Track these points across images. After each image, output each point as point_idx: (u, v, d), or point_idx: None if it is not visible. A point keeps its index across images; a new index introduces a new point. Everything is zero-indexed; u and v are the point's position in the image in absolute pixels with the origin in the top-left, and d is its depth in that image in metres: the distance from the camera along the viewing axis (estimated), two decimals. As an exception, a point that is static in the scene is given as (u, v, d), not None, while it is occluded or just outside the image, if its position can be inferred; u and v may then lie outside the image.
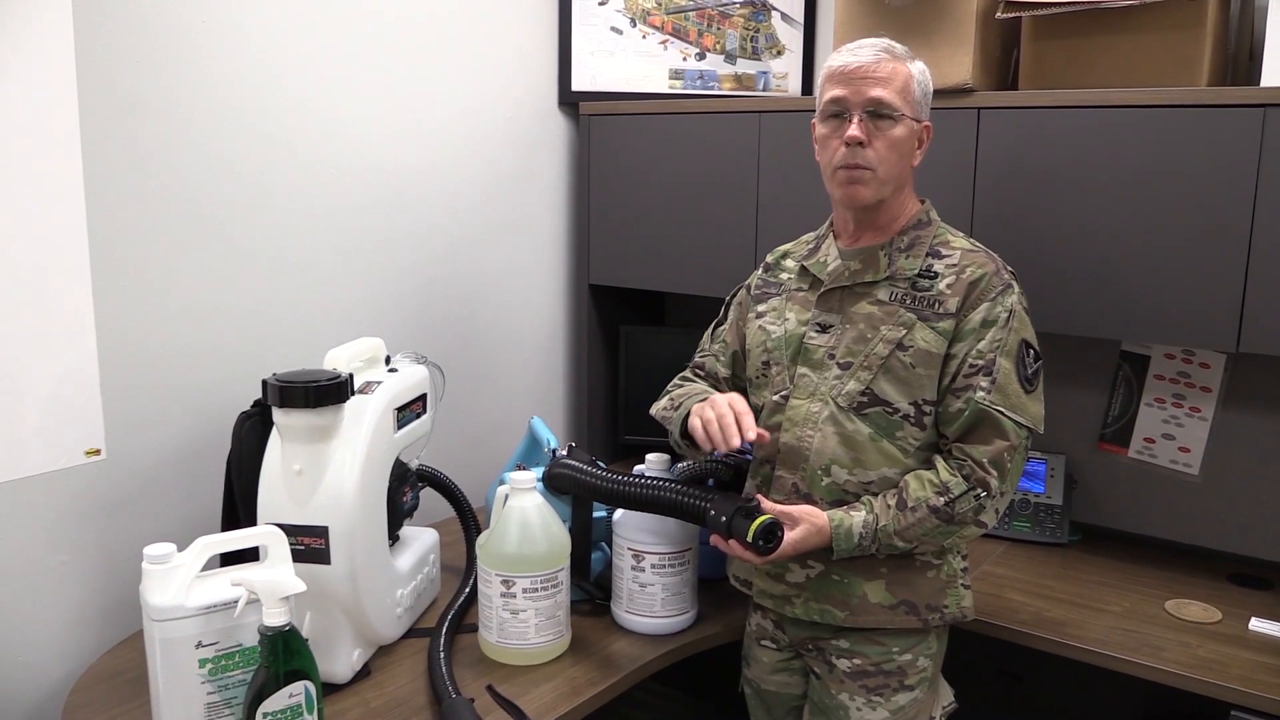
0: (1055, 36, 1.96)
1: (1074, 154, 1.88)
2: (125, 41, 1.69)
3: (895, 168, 1.56)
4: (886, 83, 1.53)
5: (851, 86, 1.53)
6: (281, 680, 1.33)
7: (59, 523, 1.68)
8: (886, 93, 1.52)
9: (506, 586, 1.62)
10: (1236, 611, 1.86)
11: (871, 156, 1.53)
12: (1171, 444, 2.17)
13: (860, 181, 1.55)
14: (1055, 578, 2.01)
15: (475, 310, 2.44)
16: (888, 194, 1.57)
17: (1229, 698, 1.60)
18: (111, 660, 1.65)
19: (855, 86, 1.53)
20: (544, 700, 1.54)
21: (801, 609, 1.61)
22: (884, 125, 1.53)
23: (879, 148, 1.53)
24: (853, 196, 1.57)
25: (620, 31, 2.55)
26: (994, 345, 1.51)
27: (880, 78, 1.53)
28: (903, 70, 1.55)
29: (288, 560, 1.43)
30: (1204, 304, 1.79)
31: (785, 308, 1.67)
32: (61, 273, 1.64)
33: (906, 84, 1.55)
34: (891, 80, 1.53)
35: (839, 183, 1.57)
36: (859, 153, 1.53)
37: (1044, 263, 1.92)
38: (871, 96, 1.52)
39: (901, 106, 1.53)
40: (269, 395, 1.52)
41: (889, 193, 1.57)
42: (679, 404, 1.70)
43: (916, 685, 1.61)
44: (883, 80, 1.53)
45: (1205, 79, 1.82)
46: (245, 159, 1.89)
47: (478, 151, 2.38)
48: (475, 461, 2.39)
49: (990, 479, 1.49)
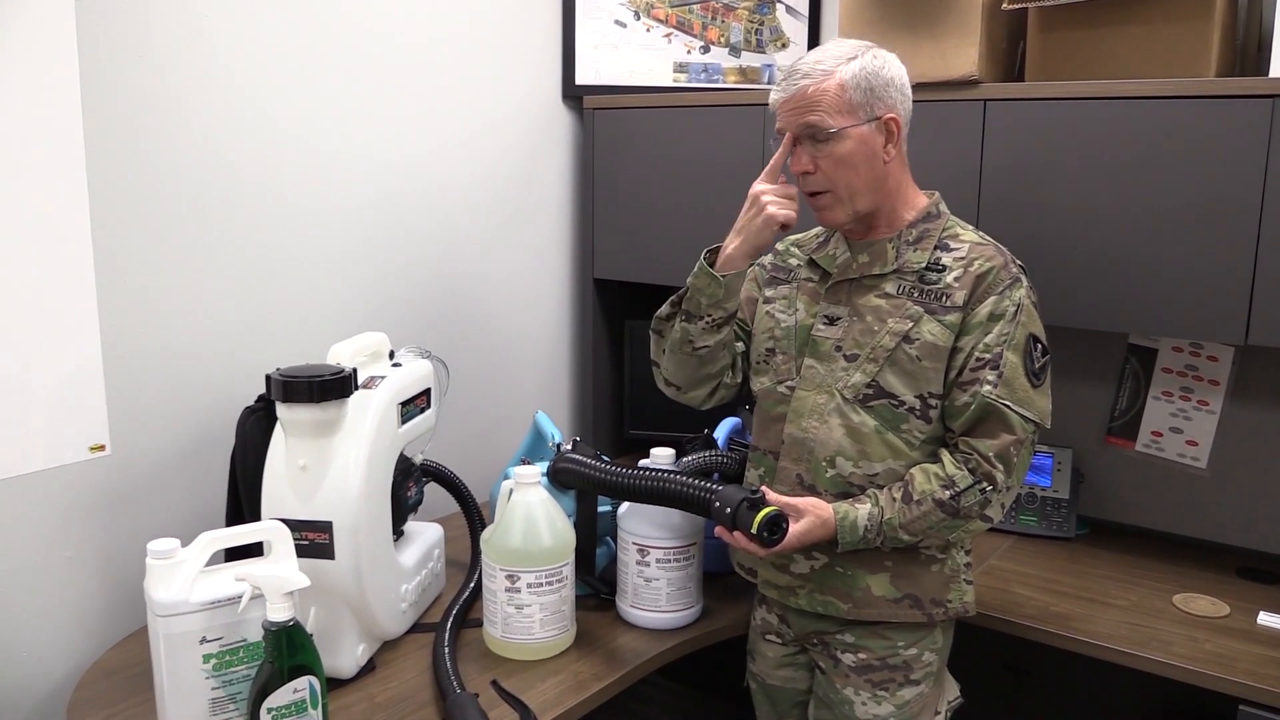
0: (1062, 28, 1.95)
1: (1081, 146, 1.87)
2: (128, 40, 1.68)
3: (858, 180, 1.53)
4: (814, 106, 1.50)
5: (786, 119, 1.54)
6: (286, 675, 1.33)
7: (64, 518, 1.68)
8: (815, 116, 1.50)
9: (511, 581, 1.62)
10: (1245, 606, 1.85)
11: (821, 180, 1.53)
12: (1179, 437, 2.16)
13: (823, 208, 1.56)
14: (1062, 572, 2.00)
15: (479, 305, 2.44)
16: (865, 204, 1.55)
17: (1237, 692, 1.59)
18: (116, 656, 1.65)
19: (788, 118, 1.54)
20: (549, 695, 1.54)
21: (805, 600, 1.61)
22: (825, 147, 1.51)
23: (825, 169, 1.52)
24: (827, 222, 1.59)
25: (624, 25, 2.54)
26: (1001, 339, 1.50)
27: (806, 104, 1.51)
28: (830, 85, 1.50)
29: (292, 555, 1.43)
30: (1212, 296, 1.78)
31: (795, 298, 1.66)
32: (65, 269, 1.63)
33: (838, 95, 1.50)
34: (819, 101, 1.50)
35: (813, 211, 1.59)
36: (809, 180, 1.54)
37: (1051, 255, 1.90)
38: (804, 123, 1.52)
39: (835, 122, 1.50)
40: (272, 390, 1.52)
41: (865, 203, 1.55)
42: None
43: (922, 680, 1.61)
44: (809, 105, 1.50)
45: (1213, 70, 1.81)
46: (249, 154, 1.89)
47: (482, 146, 2.37)
48: (480, 456, 2.39)
49: (996, 473, 1.49)
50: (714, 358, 1.66)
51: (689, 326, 1.63)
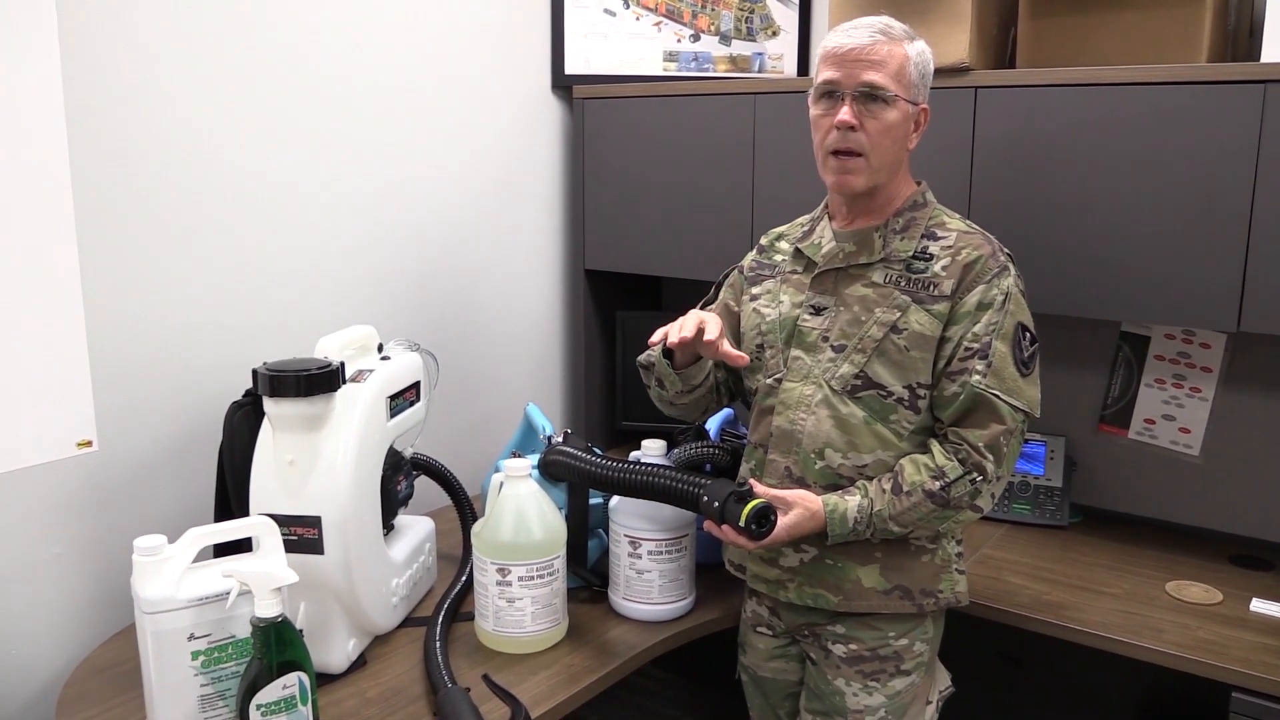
0: (1053, 14, 1.94)
1: (1073, 133, 1.86)
2: (111, 29, 1.67)
3: (889, 153, 1.53)
4: (881, 65, 1.50)
5: (844, 69, 1.51)
6: (275, 672, 1.32)
7: (51, 515, 1.67)
8: (880, 76, 1.49)
9: (502, 575, 1.61)
10: (1237, 593, 1.85)
11: (863, 140, 1.51)
12: (1172, 425, 2.15)
13: (851, 170, 1.53)
14: (1055, 560, 2.00)
15: (470, 297, 2.43)
16: (882, 180, 1.55)
17: (1230, 679, 1.59)
18: (105, 653, 1.65)
19: (848, 69, 1.50)
20: (541, 689, 1.54)
21: (795, 594, 1.61)
22: (876, 109, 1.50)
23: (871, 131, 1.51)
24: (844, 185, 1.55)
25: (613, 14, 2.52)
26: (990, 328, 1.49)
27: (874, 60, 1.49)
28: (899, 52, 1.51)
29: (280, 551, 1.42)
30: (1204, 283, 1.77)
31: (780, 290, 1.65)
32: (50, 263, 1.62)
33: (902, 66, 1.51)
34: (886, 63, 1.50)
35: (831, 170, 1.55)
36: (850, 137, 1.51)
37: (1043, 243, 1.90)
38: (864, 80, 1.49)
39: (895, 89, 1.50)
40: (259, 384, 1.51)
41: (883, 178, 1.55)
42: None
43: (913, 670, 1.60)
44: (877, 63, 1.49)
45: (1205, 55, 1.80)
46: (234, 148, 1.87)
47: (471, 136, 2.36)
48: (472, 449, 2.38)
49: (986, 463, 1.48)
50: (698, 402, 1.73)
51: (663, 393, 1.70)
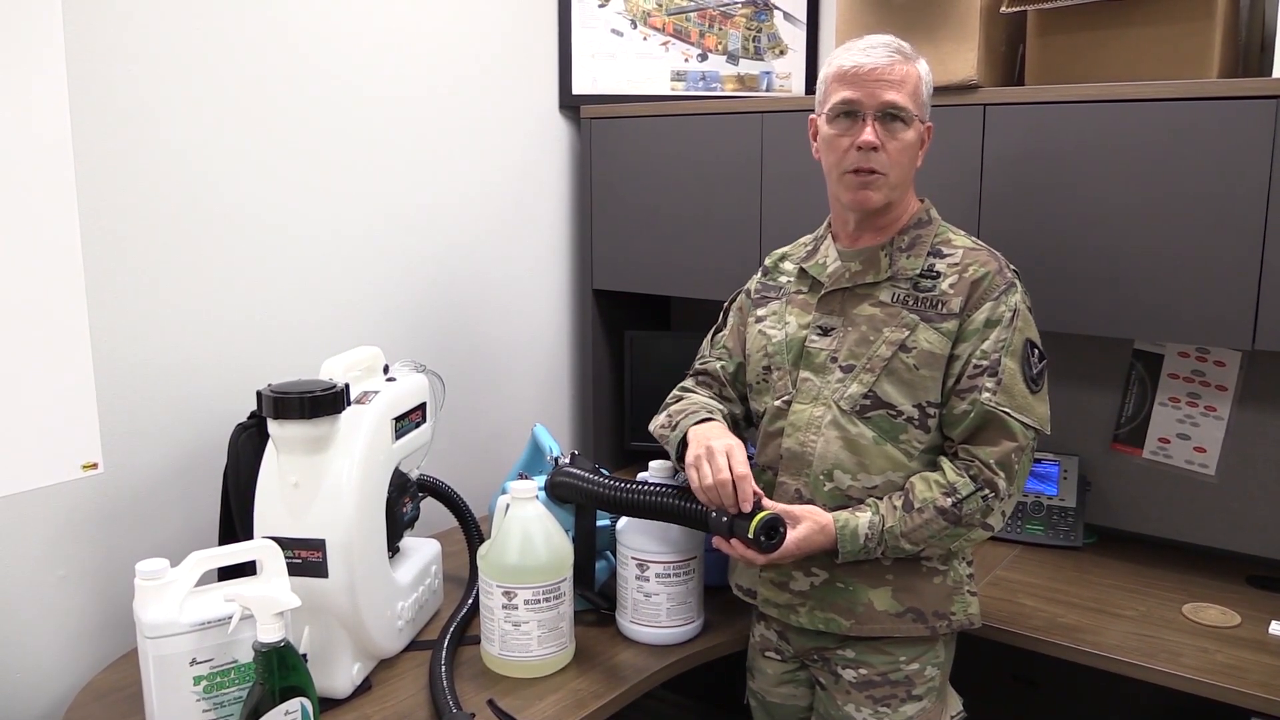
0: (1062, 30, 1.93)
1: (1082, 150, 1.84)
2: (118, 49, 1.67)
3: (905, 171, 1.55)
4: (900, 85, 1.50)
5: (865, 89, 1.50)
6: (277, 697, 1.31)
7: (56, 537, 1.67)
8: (900, 96, 1.50)
9: (508, 598, 1.60)
10: (1256, 615, 1.82)
11: (885, 160, 1.51)
12: (1187, 444, 2.13)
13: (871, 186, 1.53)
14: (1069, 582, 1.97)
15: (477, 317, 2.42)
16: (896, 197, 1.56)
17: (1249, 704, 1.56)
18: (109, 677, 1.63)
19: (869, 89, 1.50)
20: (547, 714, 1.52)
21: (807, 618, 1.58)
22: (896, 128, 1.51)
23: (892, 151, 1.51)
24: (864, 201, 1.54)
25: (621, 34, 2.52)
26: (998, 345, 1.48)
27: (894, 80, 1.50)
28: (914, 71, 1.53)
29: (283, 574, 1.41)
30: (1218, 300, 1.75)
31: (785, 311, 1.64)
32: (56, 285, 1.62)
33: (917, 86, 1.53)
34: (905, 83, 1.51)
35: (848, 186, 1.55)
36: (873, 157, 1.51)
37: (1054, 261, 1.88)
38: (887, 100, 1.49)
39: (913, 110, 1.51)
40: (264, 406, 1.50)
41: (898, 196, 1.56)
42: (675, 423, 1.66)
43: (924, 695, 1.58)
44: (897, 83, 1.50)
45: (1216, 71, 1.78)
46: (241, 168, 1.88)
47: (478, 156, 2.36)
48: (479, 470, 2.37)
49: (998, 480, 1.46)
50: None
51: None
